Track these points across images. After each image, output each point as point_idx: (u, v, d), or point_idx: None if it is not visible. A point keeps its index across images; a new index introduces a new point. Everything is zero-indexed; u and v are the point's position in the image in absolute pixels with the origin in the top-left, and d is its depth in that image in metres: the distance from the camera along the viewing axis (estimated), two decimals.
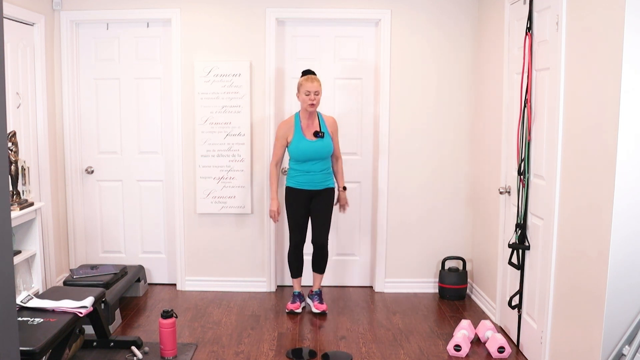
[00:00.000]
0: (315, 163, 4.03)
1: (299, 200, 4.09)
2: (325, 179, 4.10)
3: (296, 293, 4.24)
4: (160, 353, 3.36)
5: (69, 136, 4.56)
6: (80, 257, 4.72)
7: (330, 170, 4.14)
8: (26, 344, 2.54)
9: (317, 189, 4.07)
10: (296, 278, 4.25)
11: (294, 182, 4.09)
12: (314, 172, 4.04)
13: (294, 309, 4.15)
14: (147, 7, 4.45)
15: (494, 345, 3.45)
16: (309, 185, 4.06)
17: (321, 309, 4.15)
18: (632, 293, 2.48)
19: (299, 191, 4.08)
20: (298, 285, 4.26)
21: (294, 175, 4.09)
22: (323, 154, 4.02)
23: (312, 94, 3.95)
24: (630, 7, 2.36)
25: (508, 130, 3.78)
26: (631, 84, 2.40)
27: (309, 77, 3.99)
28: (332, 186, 4.14)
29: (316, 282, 4.27)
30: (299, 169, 4.05)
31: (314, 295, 4.22)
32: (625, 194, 2.44)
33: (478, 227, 4.50)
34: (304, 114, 4.05)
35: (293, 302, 4.19)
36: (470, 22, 4.48)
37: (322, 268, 4.24)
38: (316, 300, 4.19)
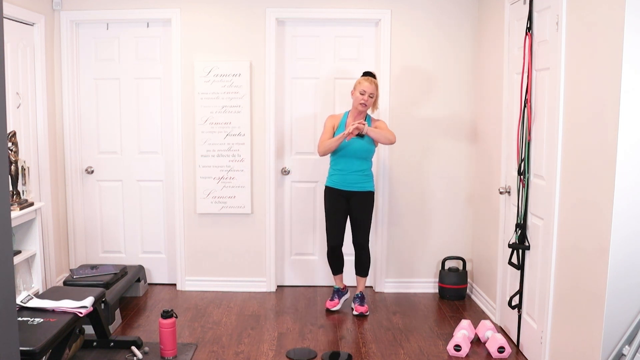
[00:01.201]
0: (352, 162, 3.98)
1: (335, 200, 4.06)
2: (362, 181, 4.03)
3: (335, 289, 4.26)
4: (160, 353, 3.36)
5: (69, 136, 4.56)
6: (80, 257, 4.72)
7: (368, 172, 4.07)
8: (26, 344, 2.54)
9: (353, 190, 4.02)
10: (336, 275, 4.26)
11: (331, 181, 4.08)
12: (349, 172, 4.00)
13: (330, 307, 4.19)
14: (147, 7, 4.45)
15: (494, 345, 3.45)
16: (344, 185, 4.02)
17: (360, 310, 4.13)
18: (632, 293, 2.48)
19: (335, 191, 4.05)
20: (339, 281, 4.27)
21: (331, 174, 4.09)
22: (360, 153, 3.97)
23: (367, 95, 3.93)
24: (630, 7, 2.36)
25: (508, 130, 3.78)
26: (631, 83, 2.40)
27: (369, 78, 3.98)
28: (371, 190, 4.08)
29: (359, 285, 4.24)
30: (335, 167, 4.04)
31: (356, 298, 4.21)
32: (625, 194, 2.44)
33: (478, 227, 4.50)
34: (354, 112, 4.04)
35: (331, 299, 4.23)
36: (470, 22, 4.48)
37: (365, 270, 4.21)
38: (357, 303, 4.17)
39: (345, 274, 4.41)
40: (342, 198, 4.05)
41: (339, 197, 4.05)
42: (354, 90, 4.00)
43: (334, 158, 4.05)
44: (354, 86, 4.01)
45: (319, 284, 4.76)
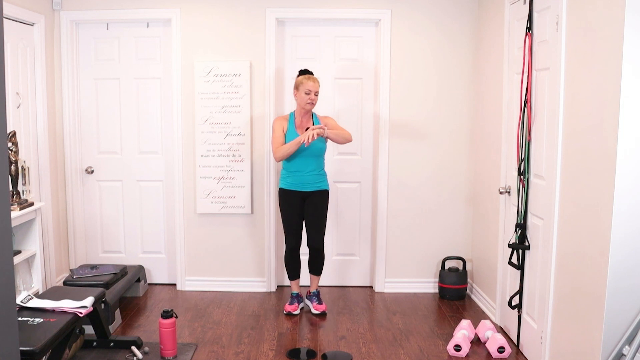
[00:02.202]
0: (306, 162, 3.99)
1: (291, 202, 4.05)
2: (317, 181, 4.05)
3: (294, 294, 4.23)
4: (160, 353, 3.36)
5: (69, 136, 4.56)
6: (80, 257, 4.72)
7: (322, 171, 4.09)
8: (26, 344, 2.54)
9: (308, 191, 4.03)
10: (294, 280, 4.24)
11: (285, 182, 4.07)
12: (304, 172, 4.00)
13: (291, 310, 4.15)
14: (147, 7, 4.45)
15: (494, 345, 3.45)
16: (300, 186, 4.02)
17: (320, 309, 4.14)
18: (632, 293, 2.48)
19: (290, 192, 4.05)
20: (296, 286, 4.26)
21: (285, 176, 4.07)
22: (314, 150, 3.97)
23: (313, 94, 3.94)
24: (630, 6, 2.36)
25: (508, 130, 3.78)
26: (631, 83, 2.40)
27: (310, 76, 3.98)
28: (326, 188, 4.10)
29: (313, 283, 4.25)
30: (290, 168, 4.03)
31: (312, 296, 4.22)
32: (625, 194, 2.44)
33: (478, 227, 4.50)
34: (300, 112, 4.03)
35: (291, 304, 4.19)
36: (470, 22, 4.48)
37: (319, 270, 4.22)
38: (315, 301, 4.18)
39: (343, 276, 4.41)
40: (298, 199, 4.05)
41: (295, 198, 4.05)
42: (296, 90, 3.99)
43: (290, 160, 4.02)
44: (296, 86, 3.99)
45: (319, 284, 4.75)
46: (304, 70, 4.08)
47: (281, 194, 4.10)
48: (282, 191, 4.09)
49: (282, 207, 4.11)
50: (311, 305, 4.19)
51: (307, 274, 4.42)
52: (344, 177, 4.65)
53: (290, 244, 4.13)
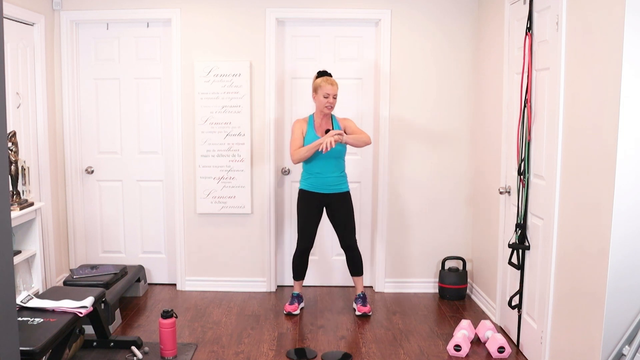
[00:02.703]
0: (327, 163, 3.97)
1: (311, 203, 4.04)
2: (339, 182, 4.02)
3: (295, 294, 4.23)
4: (160, 353, 3.36)
5: (69, 136, 4.56)
6: (80, 257, 4.72)
7: (343, 173, 4.06)
8: (26, 344, 2.54)
9: (330, 193, 4.01)
10: (298, 280, 4.23)
11: (307, 184, 4.04)
12: (325, 175, 3.98)
13: (291, 310, 4.14)
14: (147, 7, 4.45)
15: (494, 345, 3.45)
16: (322, 188, 4.00)
17: (363, 311, 4.10)
18: (632, 293, 2.48)
19: (311, 194, 4.02)
20: (299, 287, 4.25)
21: (306, 178, 4.05)
22: (333, 153, 3.94)
23: (331, 97, 3.91)
24: (630, 6, 2.36)
25: (508, 130, 3.78)
26: (631, 83, 2.39)
27: (329, 79, 3.93)
28: (347, 189, 4.07)
29: (358, 285, 4.20)
30: (311, 170, 4.01)
31: (357, 298, 4.18)
32: (625, 194, 2.44)
33: (478, 227, 4.50)
34: (319, 114, 4.01)
35: (291, 304, 4.18)
36: (470, 22, 4.48)
37: (360, 270, 4.17)
38: (359, 303, 4.15)
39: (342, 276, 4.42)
40: (318, 201, 4.03)
41: (314, 200, 4.03)
42: (315, 94, 3.96)
43: (310, 161, 4.00)
44: (314, 89, 3.97)
45: (319, 284, 4.76)
46: (322, 71, 4.03)
47: (301, 195, 4.08)
48: (302, 192, 4.07)
49: (300, 207, 4.08)
50: (356, 307, 4.17)
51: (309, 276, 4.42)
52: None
53: (302, 244, 4.11)
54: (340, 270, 4.75)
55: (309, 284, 4.75)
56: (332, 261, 4.74)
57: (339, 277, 4.77)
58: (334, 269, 4.76)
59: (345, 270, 4.56)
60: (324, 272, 4.75)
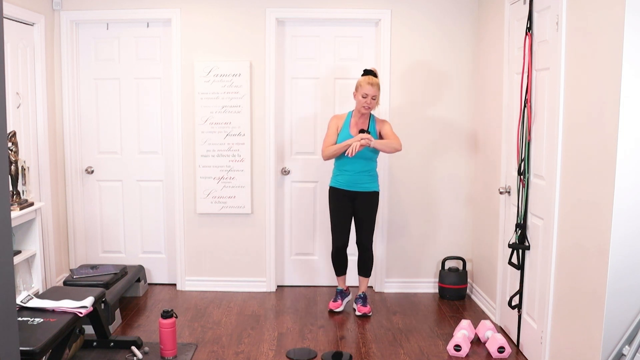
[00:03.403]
0: (356, 162, 3.96)
1: (340, 200, 4.04)
2: (367, 181, 4.02)
3: (338, 290, 4.24)
4: (160, 353, 3.36)
5: (69, 136, 4.56)
6: (80, 257, 4.72)
7: (374, 173, 4.05)
8: (26, 344, 2.54)
9: (357, 191, 4.01)
10: (340, 276, 4.24)
11: (335, 181, 4.06)
12: (354, 172, 3.98)
13: (334, 308, 4.17)
14: (147, 7, 4.45)
15: (494, 345, 3.45)
16: (349, 185, 4.00)
17: (363, 311, 4.11)
18: (632, 293, 2.48)
19: (339, 191, 4.03)
20: (342, 282, 4.26)
21: (335, 174, 4.07)
22: (366, 154, 3.93)
23: (369, 98, 3.88)
24: (630, 7, 2.36)
25: (508, 130, 3.78)
26: (631, 83, 2.40)
27: (370, 78, 3.90)
28: (375, 190, 4.07)
29: (362, 285, 4.22)
30: (340, 167, 4.02)
31: (358, 298, 4.19)
32: (625, 193, 2.44)
33: (478, 227, 4.50)
34: (357, 113, 4.00)
35: (334, 301, 4.20)
36: (470, 22, 4.48)
37: (368, 271, 4.19)
38: (359, 303, 4.15)
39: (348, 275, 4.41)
40: (347, 198, 4.04)
41: (343, 197, 4.04)
42: (355, 92, 3.95)
43: (340, 159, 4.02)
44: (356, 87, 3.96)
45: (319, 284, 4.76)
46: (367, 70, 3.99)
47: (331, 192, 4.09)
48: (332, 189, 4.09)
49: (331, 205, 4.09)
50: (356, 307, 4.17)
51: None
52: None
53: (337, 242, 4.11)
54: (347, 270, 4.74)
55: (309, 283, 4.76)
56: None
57: None
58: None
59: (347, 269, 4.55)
60: (326, 271, 4.74)
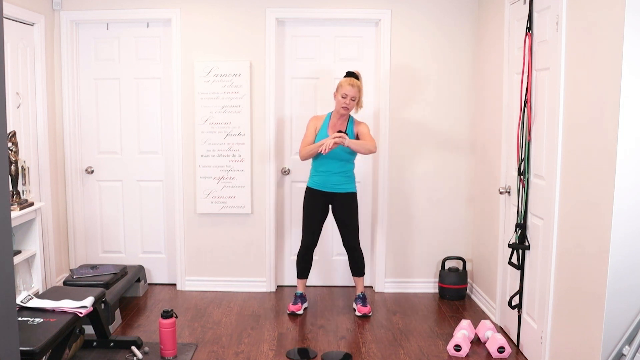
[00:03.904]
0: (333, 163, 3.97)
1: (316, 201, 4.05)
2: (344, 182, 4.02)
3: (298, 294, 4.22)
4: (160, 353, 3.36)
5: (69, 136, 4.56)
6: (80, 257, 4.72)
7: (350, 174, 4.06)
8: (26, 344, 2.54)
9: (335, 192, 4.01)
10: (301, 279, 4.23)
11: (312, 182, 4.07)
12: (331, 173, 3.99)
13: (295, 310, 4.14)
14: (147, 7, 4.45)
15: (494, 345, 3.45)
16: (326, 186, 4.01)
17: (363, 311, 4.10)
18: (632, 293, 2.48)
19: (316, 192, 4.04)
20: (302, 286, 4.24)
21: (313, 175, 4.07)
22: (342, 155, 3.94)
23: (349, 99, 3.89)
24: (630, 7, 2.36)
25: (508, 130, 3.78)
26: (631, 83, 2.40)
27: (351, 80, 3.91)
28: (352, 191, 4.07)
29: (358, 285, 4.21)
30: (317, 168, 4.03)
31: (357, 299, 4.19)
32: (625, 194, 2.44)
33: (478, 227, 4.50)
34: (336, 114, 4.01)
35: (294, 304, 4.18)
36: (470, 22, 4.48)
37: (361, 270, 4.18)
38: (359, 304, 4.15)
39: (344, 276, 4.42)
40: (323, 199, 4.05)
41: (319, 198, 4.05)
42: (336, 92, 3.96)
43: (317, 160, 4.03)
44: (337, 88, 3.97)
45: (319, 283, 4.76)
46: (349, 72, 4.01)
47: (307, 192, 4.10)
48: (308, 189, 4.10)
49: (305, 204, 4.10)
50: (356, 307, 4.17)
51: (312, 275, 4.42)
52: None
53: (306, 241, 4.12)
54: (341, 270, 4.75)
55: (309, 284, 4.75)
56: (332, 261, 4.74)
57: (340, 277, 4.77)
58: (335, 269, 4.76)
59: (346, 270, 4.56)
60: (325, 272, 4.75)
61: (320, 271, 4.75)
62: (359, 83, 3.95)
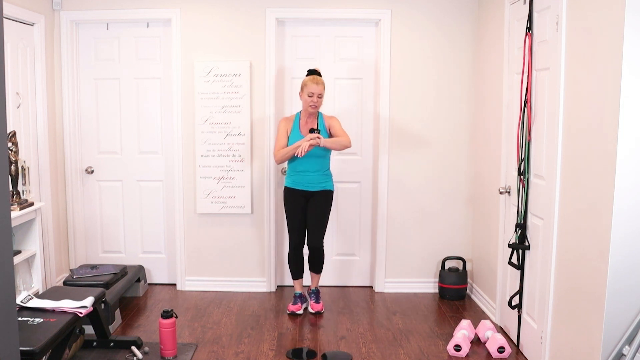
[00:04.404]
0: (309, 162, 3.98)
1: (295, 200, 4.06)
2: (322, 180, 4.05)
3: (297, 294, 4.23)
4: (160, 353, 3.36)
5: (69, 136, 4.56)
6: (80, 257, 4.72)
7: (327, 172, 4.09)
8: (26, 344, 2.54)
9: (312, 190, 4.04)
10: (297, 279, 4.24)
11: (290, 181, 4.08)
12: (309, 172, 4.00)
13: (295, 310, 4.15)
14: (147, 7, 4.45)
15: (494, 345, 3.45)
16: (304, 185, 4.03)
17: (316, 308, 4.14)
18: (632, 293, 2.48)
19: (295, 191, 4.06)
20: (299, 286, 4.25)
21: (290, 174, 4.08)
22: (316, 151, 3.95)
23: (315, 96, 3.92)
24: (630, 7, 2.36)
25: (508, 130, 3.78)
26: (631, 83, 2.40)
27: (315, 78, 3.95)
28: (329, 189, 4.09)
29: (313, 281, 4.26)
30: (294, 168, 4.03)
31: (311, 294, 4.23)
32: (625, 194, 2.44)
33: (478, 227, 4.50)
34: (305, 113, 4.04)
35: (294, 304, 4.19)
36: (470, 22, 4.48)
37: (319, 268, 4.22)
38: (312, 300, 4.19)
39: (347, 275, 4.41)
40: (302, 198, 4.06)
41: (298, 197, 4.05)
42: (301, 92, 3.98)
43: (293, 160, 4.03)
44: (301, 87, 3.99)
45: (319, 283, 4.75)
46: (311, 70, 4.05)
47: (285, 192, 4.11)
48: (286, 189, 4.10)
49: (286, 205, 4.11)
50: (309, 303, 4.20)
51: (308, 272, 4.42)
52: (344, 177, 4.65)
53: (293, 241, 4.13)
54: (340, 270, 4.75)
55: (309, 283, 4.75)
56: (331, 261, 4.74)
57: (340, 277, 4.77)
58: (334, 269, 4.76)
59: (345, 270, 4.57)
60: (325, 272, 4.74)
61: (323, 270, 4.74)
62: (322, 80, 3.99)
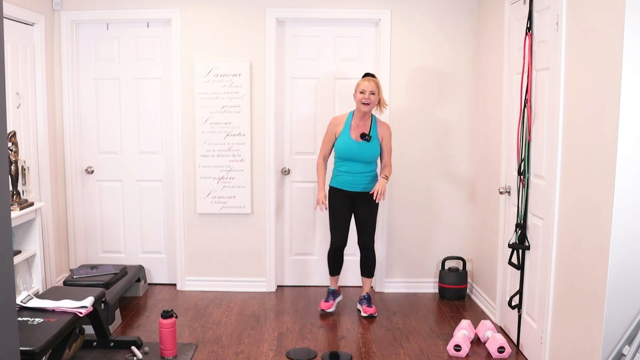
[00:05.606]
0: (357, 165, 3.97)
1: (339, 200, 4.04)
2: (367, 182, 4.00)
3: (331, 290, 4.23)
4: (160, 353, 3.36)
5: (69, 136, 4.56)
6: (80, 257, 4.72)
7: (374, 174, 4.04)
8: (26, 344, 2.54)
9: (358, 191, 4.00)
10: (333, 276, 4.24)
11: (335, 181, 4.06)
12: (355, 173, 3.98)
13: (325, 308, 4.15)
14: (147, 7, 4.45)
15: (494, 345, 3.45)
16: (349, 186, 4.00)
17: (369, 312, 4.09)
18: (632, 293, 2.48)
19: (339, 191, 4.03)
20: (334, 282, 4.25)
21: (336, 174, 4.06)
22: (365, 157, 3.94)
23: (367, 93, 3.89)
24: (630, 7, 2.36)
25: (508, 130, 3.78)
26: (631, 83, 2.40)
27: (367, 77, 3.96)
28: None
29: (365, 286, 4.21)
30: (340, 168, 4.02)
31: (362, 299, 4.19)
32: (625, 194, 2.44)
33: (478, 227, 4.50)
34: (358, 113, 4.00)
35: (326, 301, 4.19)
36: (470, 22, 4.48)
37: (371, 272, 4.19)
38: (365, 304, 4.15)
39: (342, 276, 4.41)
40: (347, 198, 4.04)
41: (343, 197, 4.04)
42: (355, 92, 3.97)
43: (339, 160, 4.03)
44: (355, 88, 3.98)
45: (319, 283, 4.76)
46: (367, 73, 4.05)
47: (331, 191, 4.09)
48: (331, 189, 4.08)
49: (330, 204, 4.09)
50: (361, 308, 4.16)
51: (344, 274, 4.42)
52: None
53: (335, 242, 4.11)
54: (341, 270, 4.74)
55: (309, 283, 4.76)
56: None
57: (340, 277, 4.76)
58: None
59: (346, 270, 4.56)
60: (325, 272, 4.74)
61: (322, 271, 4.74)
62: (377, 80, 3.98)
